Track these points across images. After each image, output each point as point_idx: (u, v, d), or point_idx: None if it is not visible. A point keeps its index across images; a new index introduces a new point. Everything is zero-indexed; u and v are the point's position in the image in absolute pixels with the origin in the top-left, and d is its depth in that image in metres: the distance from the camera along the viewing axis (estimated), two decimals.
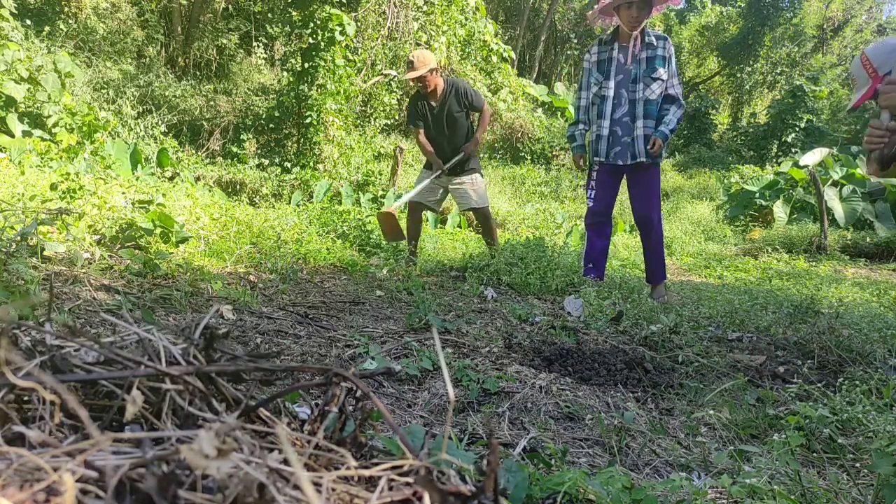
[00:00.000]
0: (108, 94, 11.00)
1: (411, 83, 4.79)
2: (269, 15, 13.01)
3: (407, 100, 13.48)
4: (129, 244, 3.54)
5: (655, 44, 3.78)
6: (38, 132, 7.96)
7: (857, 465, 1.60)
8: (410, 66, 4.65)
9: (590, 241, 4.16)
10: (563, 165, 13.99)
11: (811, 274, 6.67)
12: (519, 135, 14.28)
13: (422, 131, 4.84)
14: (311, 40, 10.56)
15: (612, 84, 3.83)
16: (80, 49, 11.74)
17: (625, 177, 4.05)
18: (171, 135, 11.06)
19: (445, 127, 4.77)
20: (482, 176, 4.95)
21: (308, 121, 10.80)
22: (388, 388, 1.92)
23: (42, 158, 6.96)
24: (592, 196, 4.05)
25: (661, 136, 3.76)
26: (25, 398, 0.71)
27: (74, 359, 0.77)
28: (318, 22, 10.48)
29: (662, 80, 3.76)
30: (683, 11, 24.08)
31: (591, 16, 3.99)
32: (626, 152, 3.84)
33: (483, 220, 5.00)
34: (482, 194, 4.87)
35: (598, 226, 4.08)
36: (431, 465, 0.70)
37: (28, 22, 10.45)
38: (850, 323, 3.07)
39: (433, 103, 4.77)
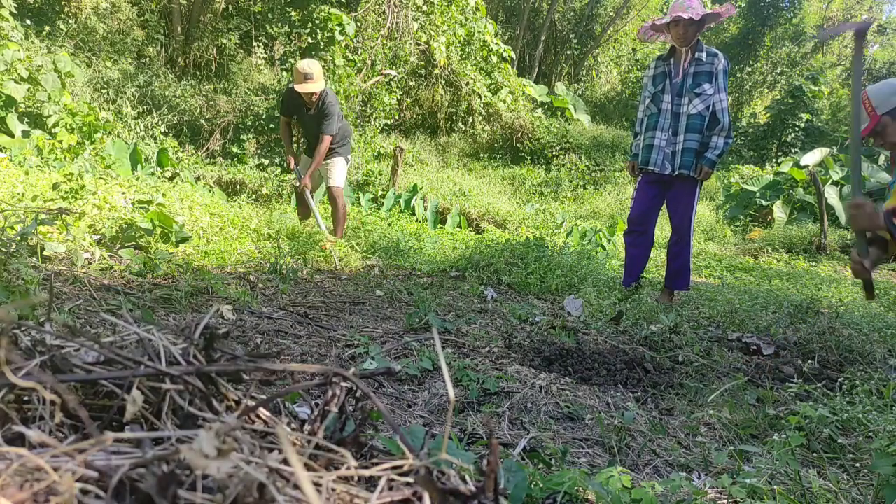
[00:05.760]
0: (108, 94, 10.97)
1: (301, 93, 4.88)
2: (269, 15, 12.97)
3: (407, 100, 13.48)
4: (129, 244, 3.54)
5: (705, 60, 3.82)
6: (38, 132, 7.95)
7: (857, 465, 1.60)
8: (307, 78, 4.79)
9: (626, 250, 4.24)
10: (563, 165, 13.97)
11: (811, 274, 6.67)
12: (519, 135, 14.25)
13: (287, 120, 5.26)
14: (310, 40, 10.56)
15: (661, 97, 3.91)
16: (80, 49, 11.71)
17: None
18: (171, 135, 11.03)
19: (314, 128, 5.09)
20: (346, 161, 5.35)
21: None
22: (388, 388, 1.92)
23: (43, 158, 6.96)
24: (632, 205, 4.12)
25: (708, 163, 3.80)
26: (25, 398, 0.71)
27: (74, 359, 0.77)
28: (318, 22, 10.46)
29: (707, 95, 3.78)
30: None
31: (641, 33, 4.02)
32: (667, 164, 3.89)
33: (331, 201, 5.33)
34: (336, 175, 5.25)
35: (632, 235, 4.12)
36: (431, 465, 0.70)
37: (28, 22, 10.43)
38: (850, 323, 3.07)
39: (309, 107, 5.02)
